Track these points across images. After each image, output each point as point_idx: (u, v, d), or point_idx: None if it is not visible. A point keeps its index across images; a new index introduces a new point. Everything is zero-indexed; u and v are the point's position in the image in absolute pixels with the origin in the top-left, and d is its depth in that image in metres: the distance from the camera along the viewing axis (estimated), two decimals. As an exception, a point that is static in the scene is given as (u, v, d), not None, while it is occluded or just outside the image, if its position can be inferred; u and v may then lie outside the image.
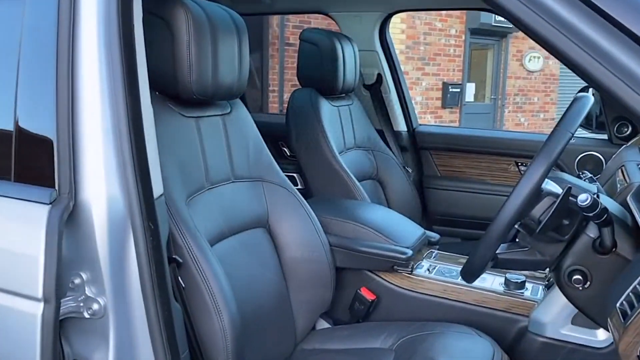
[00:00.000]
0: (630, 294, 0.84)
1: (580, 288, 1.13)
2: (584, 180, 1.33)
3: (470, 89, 10.10)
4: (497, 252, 1.16)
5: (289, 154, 2.71)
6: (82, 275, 1.07)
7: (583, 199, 1.00)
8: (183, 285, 1.24)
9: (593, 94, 2.45)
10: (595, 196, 1.01)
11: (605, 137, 2.47)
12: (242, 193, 1.60)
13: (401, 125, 2.75)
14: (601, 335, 1.44)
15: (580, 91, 2.48)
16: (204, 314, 1.24)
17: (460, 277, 1.70)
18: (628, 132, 2.34)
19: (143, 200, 1.07)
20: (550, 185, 1.10)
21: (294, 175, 2.75)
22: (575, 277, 1.12)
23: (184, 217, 1.28)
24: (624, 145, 1.95)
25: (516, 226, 1.14)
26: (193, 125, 1.47)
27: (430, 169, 2.77)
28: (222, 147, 1.56)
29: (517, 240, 1.18)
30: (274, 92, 7.48)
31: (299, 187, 2.50)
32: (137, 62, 1.10)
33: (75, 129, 1.05)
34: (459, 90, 9.55)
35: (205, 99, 1.44)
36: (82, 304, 1.07)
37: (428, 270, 1.75)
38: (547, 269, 1.31)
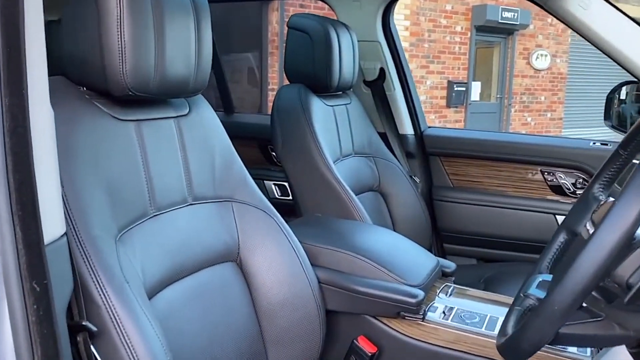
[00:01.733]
0: None
1: None
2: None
3: (476, 88, 9.91)
4: None
5: None
6: None
7: None
8: None
9: (627, 92, 2.09)
10: None
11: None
12: (203, 218, 1.23)
13: (407, 128, 2.38)
14: None
15: (615, 89, 2.10)
16: None
17: (484, 326, 1.35)
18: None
19: (24, 249, 0.70)
20: None
21: (286, 184, 2.40)
22: None
23: (106, 262, 0.91)
24: None
25: None
26: (132, 132, 1.10)
27: (441, 178, 2.40)
28: (176, 159, 1.20)
29: (583, 305, 0.81)
30: (274, 91, 7.17)
31: (291, 198, 2.14)
32: (26, 45, 0.73)
33: None
34: (464, 89, 9.38)
35: (148, 96, 1.08)
36: None
37: (443, 313, 1.38)
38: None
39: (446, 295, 1.47)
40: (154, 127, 1.15)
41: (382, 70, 2.33)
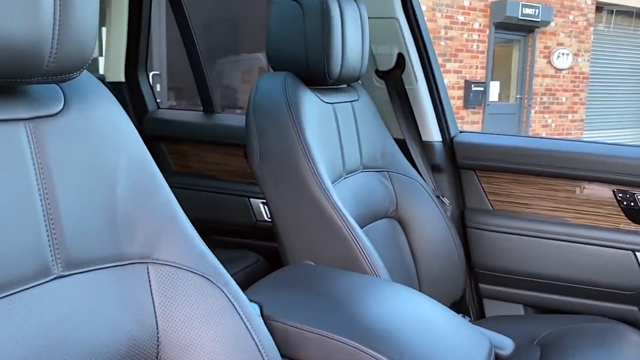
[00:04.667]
0: None
1: None
2: None
3: (495, 88, 9.62)
4: None
5: None
6: None
7: None
8: None
9: None
10: None
11: None
12: (86, 300, 0.69)
13: (433, 133, 1.83)
14: None
15: None
16: None
17: None
18: None
19: None
20: None
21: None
22: None
23: None
24: None
25: None
26: None
27: (477, 199, 1.84)
28: (27, 193, 0.66)
29: None
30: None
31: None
32: None
33: None
34: (482, 89, 9.12)
35: None
36: None
37: None
38: None
39: None
40: None
41: (400, 57, 1.78)
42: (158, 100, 5.43)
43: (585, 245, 1.68)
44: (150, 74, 5.12)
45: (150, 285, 0.76)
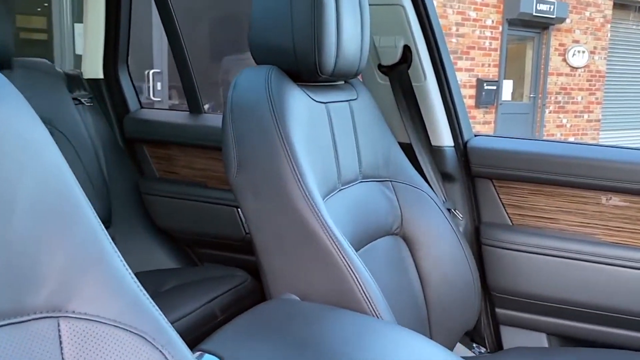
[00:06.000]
0: None
1: None
2: None
3: (507, 87, 9.50)
4: None
5: None
6: None
7: None
8: None
9: None
10: None
11: None
12: None
13: (444, 137, 1.62)
14: None
15: None
16: None
17: None
18: None
19: None
20: None
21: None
22: None
23: None
24: None
25: None
26: None
27: (493, 212, 1.63)
28: None
29: None
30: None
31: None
32: None
33: None
34: (494, 87, 9.01)
35: None
36: None
37: None
38: None
39: None
40: None
41: (407, 50, 1.58)
42: (158, 99, 5.19)
43: (618, 267, 1.46)
44: (151, 72, 4.95)
45: (61, 347, 0.56)
